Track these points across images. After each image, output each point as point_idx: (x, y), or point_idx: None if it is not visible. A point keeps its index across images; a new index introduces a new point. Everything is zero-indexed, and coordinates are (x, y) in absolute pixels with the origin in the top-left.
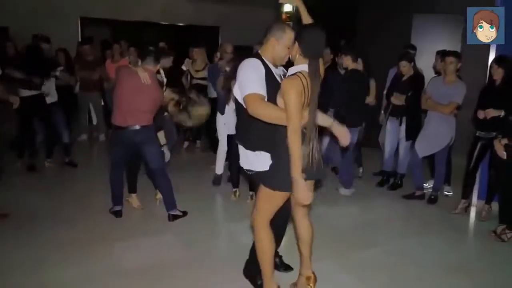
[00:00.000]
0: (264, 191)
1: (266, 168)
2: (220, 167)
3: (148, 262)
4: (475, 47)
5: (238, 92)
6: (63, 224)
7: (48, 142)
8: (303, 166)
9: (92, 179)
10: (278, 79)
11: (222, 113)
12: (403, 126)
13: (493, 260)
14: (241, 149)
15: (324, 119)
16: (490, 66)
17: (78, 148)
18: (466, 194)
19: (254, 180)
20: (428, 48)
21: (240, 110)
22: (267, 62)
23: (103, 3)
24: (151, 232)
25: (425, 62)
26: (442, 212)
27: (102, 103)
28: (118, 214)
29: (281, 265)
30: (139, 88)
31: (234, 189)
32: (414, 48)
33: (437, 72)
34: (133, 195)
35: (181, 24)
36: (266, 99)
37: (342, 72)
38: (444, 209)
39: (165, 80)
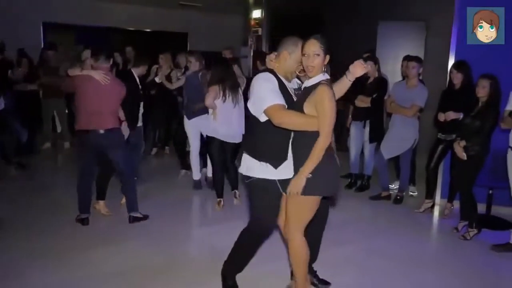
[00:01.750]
0: (299, 200)
1: (266, 176)
2: (196, 172)
3: (122, 269)
4: (436, 53)
5: (253, 106)
6: (29, 234)
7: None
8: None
9: (57, 187)
10: (291, 92)
11: (189, 118)
12: (367, 129)
13: (455, 254)
14: (246, 158)
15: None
16: (450, 71)
17: (42, 156)
18: (430, 193)
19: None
20: (393, 54)
21: (253, 122)
22: (280, 76)
23: (67, 8)
24: (121, 238)
25: (391, 67)
26: (407, 212)
27: (67, 111)
28: (84, 222)
29: (320, 281)
30: (100, 90)
31: (219, 199)
32: (374, 53)
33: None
34: (101, 202)
35: (148, 30)
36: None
37: None
38: (409, 209)
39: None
